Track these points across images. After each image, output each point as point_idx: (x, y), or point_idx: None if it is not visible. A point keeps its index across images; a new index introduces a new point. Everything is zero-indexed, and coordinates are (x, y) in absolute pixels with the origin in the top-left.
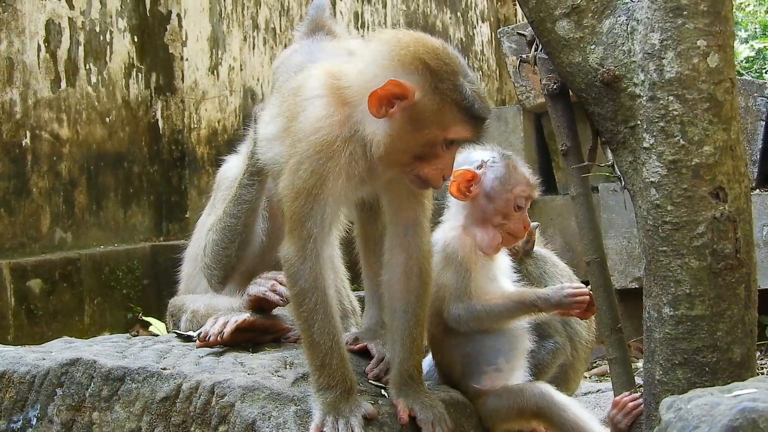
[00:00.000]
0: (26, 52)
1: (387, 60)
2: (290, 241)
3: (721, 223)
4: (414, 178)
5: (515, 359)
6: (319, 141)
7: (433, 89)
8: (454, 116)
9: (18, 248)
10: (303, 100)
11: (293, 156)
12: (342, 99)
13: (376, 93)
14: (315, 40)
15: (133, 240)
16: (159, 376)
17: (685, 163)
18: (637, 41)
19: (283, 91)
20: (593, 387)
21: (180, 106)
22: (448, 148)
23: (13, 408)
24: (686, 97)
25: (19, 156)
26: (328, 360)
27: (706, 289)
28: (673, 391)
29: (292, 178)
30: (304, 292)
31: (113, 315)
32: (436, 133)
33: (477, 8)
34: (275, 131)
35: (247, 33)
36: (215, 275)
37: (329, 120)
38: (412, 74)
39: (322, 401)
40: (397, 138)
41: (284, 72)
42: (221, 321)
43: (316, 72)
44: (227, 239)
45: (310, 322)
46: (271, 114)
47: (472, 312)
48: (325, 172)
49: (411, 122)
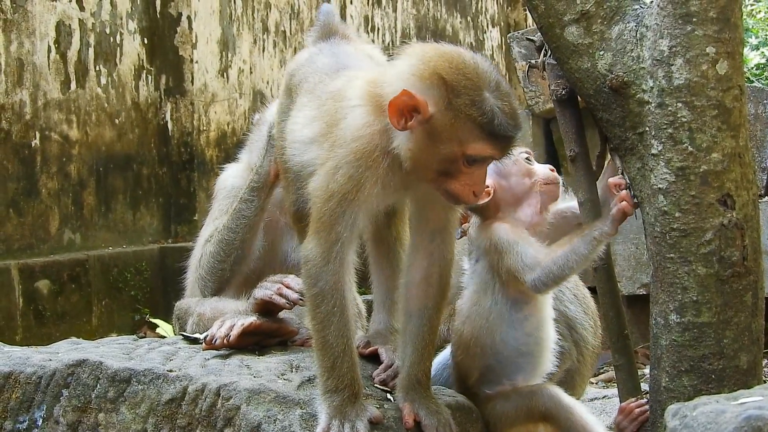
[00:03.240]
0: (36, 53)
1: (407, 73)
2: (316, 242)
3: (728, 231)
4: (444, 193)
5: (534, 378)
6: (359, 149)
7: (448, 104)
8: (471, 133)
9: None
10: (344, 107)
11: (331, 160)
12: (380, 108)
13: (392, 103)
14: (332, 43)
15: (142, 242)
16: (165, 378)
17: (693, 170)
18: (646, 48)
19: (317, 94)
20: (599, 393)
21: (189, 108)
22: (471, 165)
23: (19, 408)
24: (695, 104)
25: (29, 157)
26: (339, 363)
27: (713, 297)
28: (679, 398)
29: (327, 180)
30: (324, 294)
31: (121, 316)
32: (453, 149)
33: (487, 13)
34: (312, 135)
35: (257, 36)
36: (209, 287)
37: (369, 129)
38: (428, 88)
39: (328, 404)
40: (417, 152)
41: (311, 73)
42: (228, 324)
43: (357, 81)
44: (224, 253)
45: (325, 324)
46: (306, 117)
47: (548, 272)
48: (362, 180)
49: (429, 137)
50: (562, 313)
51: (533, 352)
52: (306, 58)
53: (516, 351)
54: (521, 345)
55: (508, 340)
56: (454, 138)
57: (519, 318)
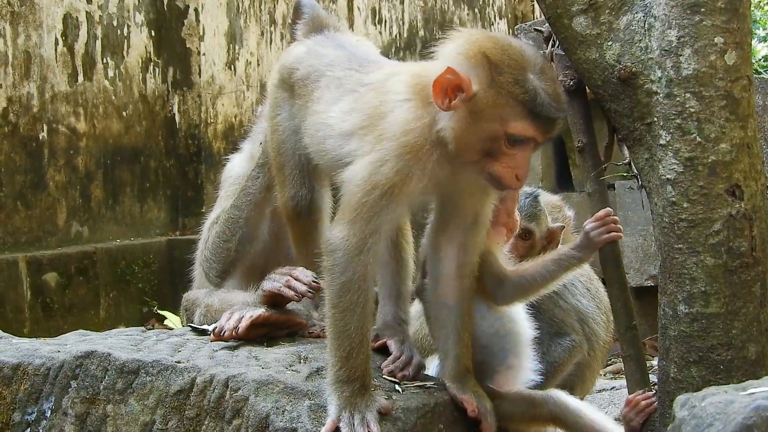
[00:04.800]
0: (43, 46)
1: (452, 53)
2: (350, 231)
3: (737, 221)
4: (488, 177)
5: (524, 353)
6: (409, 142)
7: (491, 82)
8: (513, 111)
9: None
10: (390, 100)
11: (376, 152)
12: (428, 99)
13: (436, 81)
14: (330, 36)
15: (149, 234)
16: (173, 369)
17: (701, 160)
18: (654, 38)
19: (350, 87)
20: (608, 384)
21: (197, 100)
22: (513, 145)
23: (27, 400)
24: (703, 94)
25: (36, 150)
26: (355, 354)
27: (722, 287)
28: (687, 389)
29: (371, 172)
30: (351, 284)
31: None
32: (495, 127)
33: (494, 5)
34: (350, 127)
35: (265, 28)
36: (214, 268)
37: (419, 123)
38: (472, 67)
39: (338, 395)
40: (460, 132)
41: (327, 66)
42: (236, 316)
43: (402, 75)
44: (229, 232)
45: (347, 315)
46: (341, 110)
47: (517, 288)
48: (409, 173)
49: (472, 116)
50: (574, 307)
51: (512, 329)
52: (306, 52)
53: (497, 337)
54: (499, 330)
55: (485, 330)
56: (496, 116)
57: (488, 305)
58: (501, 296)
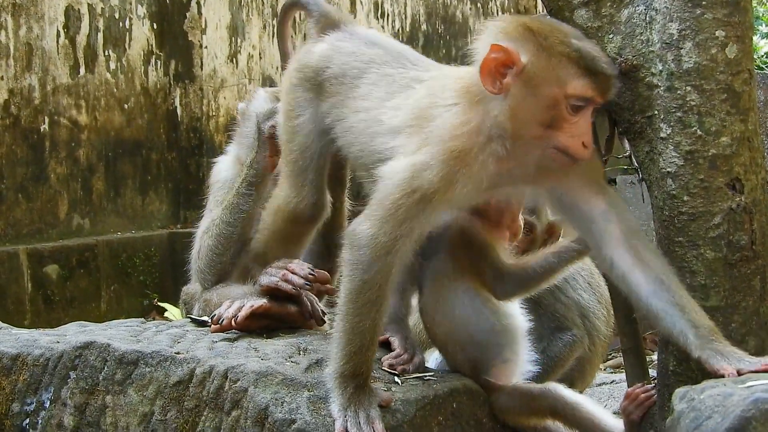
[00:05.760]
0: (45, 38)
1: (492, 36)
2: (379, 230)
3: (737, 215)
4: (554, 154)
5: (519, 346)
6: (456, 147)
7: (539, 47)
8: (568, 71)
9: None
10: (438, 104)
11: (421, 155)
12: (473, 97)
13: (482, 64)
14: (353, 32)
15: (151, 227)
16: (173, 360)
17: (702, 153)
18: (655, 31)
19: (400, 83)
20: (607, 378)
21: (198, 93)
22: (575, 111)
23: (26, 390)
24: (704, 87)
25: (38, 142)
26: (365, 350)
27: (721, 281)
28: (686, 382)
29: (413, 175)
30: (372, 284)
31: (130, 301)
32: (555, 91)
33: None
34: (400, 123)
35: (267, 21)
36: (208, 280)
37: (467, 127)
38: (515, 40)
39: (342, 390)
40: (519, 110)
41: (366, 64)
42: (236, 305)
43: (446, 79)
44: (222, 247)
45: (362, 312)
46: (395, 105)
47: (518, 282)
48: (454, 179)
49: (527, 88)
50: (575, 301)
51: (507, 324)
52: (332, 50)
53: (492, 333)
54: (494, 325)
55: (480, 326)
56: (553, 80)
57: (482, 300)
58: (501, 290)
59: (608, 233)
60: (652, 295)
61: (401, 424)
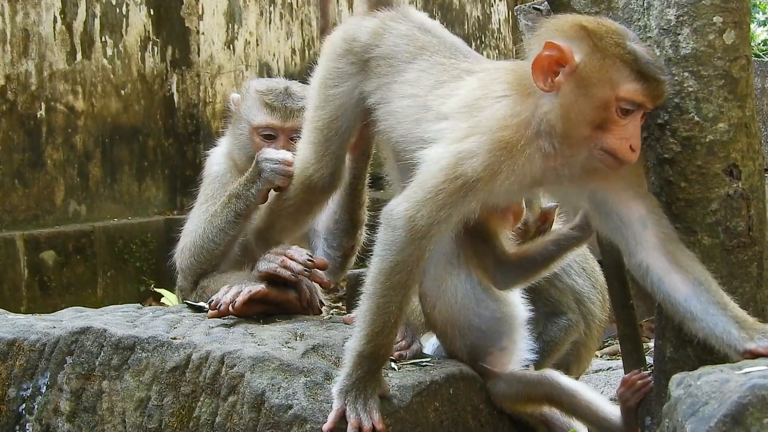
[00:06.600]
0: (42, 24)
1: (547, 34)
2: (418, 212)
3: (734, 201)
4: (601, 155)
5: (518, 335)
6: (504, 138)
7: (593, 47)
8: (621, 74)
9: (32, 220)
10: (489, 96)
11: (468, 143)
12: (524, 91)
13: (536, 61)
14: (406, 15)
15: (147, 213)
16: (169, 345)
17: (699, 139)
18: (653, 17)
19: (452, 73)
20: (604, 365)
21: (195, 80)
22: (625, 114)
23: (23, 376)
24: (701, 73)
25: (34, 128)
26: (386, 332)
27: (719, 267)
28: (683, 368)
29: (458, 161)
30: (404, 265)
31: (126, 288)
32: (606, 92)
33: None
34: (448, 110)
35: (264, 8)
36: (188, 279)
37: (516, 119)
38: (570, 39)
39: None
40: (569, 108)
41: (419, 50)
42: (234, 290)
43: (499, 72)
44: (204, 257)
45: (391, 293)
46: (445, 92)
47: (519, 270)
48: (498, 170)
49: (579, 87)
50: (570, 287)
51: (507, 313)
52: (383, 29)
53: (492, 320)
54: (495, 312)
55: (480, 313)
56: (605, 81)
57: (483, 288)
58: (502, 279)
59: (645, 238)
60: (691, 297)
61: (398, 409)
